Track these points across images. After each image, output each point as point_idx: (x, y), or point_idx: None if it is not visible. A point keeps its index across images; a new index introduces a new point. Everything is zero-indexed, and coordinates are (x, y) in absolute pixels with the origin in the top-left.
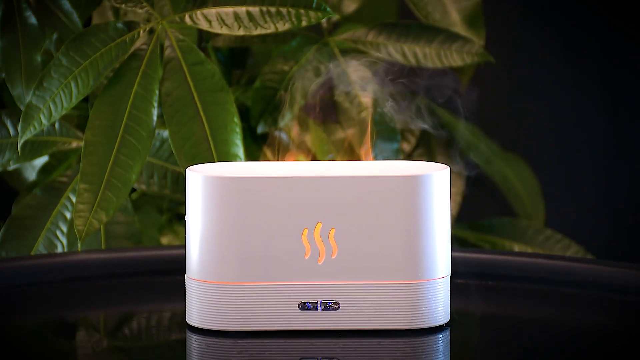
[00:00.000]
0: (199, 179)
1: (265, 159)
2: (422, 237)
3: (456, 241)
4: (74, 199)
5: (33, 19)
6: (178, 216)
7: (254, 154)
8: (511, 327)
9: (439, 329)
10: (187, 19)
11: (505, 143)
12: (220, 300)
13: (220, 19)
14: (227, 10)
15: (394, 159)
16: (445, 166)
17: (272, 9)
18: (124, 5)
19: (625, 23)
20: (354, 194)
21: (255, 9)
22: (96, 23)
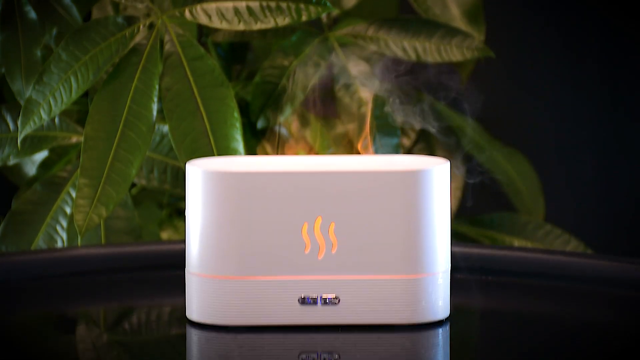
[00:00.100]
0: (199, 174)
1: (265, 153)
2: (422, 232)
3: (456, 236)
4: (74, 194)
5: (33, 14)
6: (178, 211)
7: (253, 149)
8: (511, 322)
9: (438, 324)
10: (187, 14)
11: (505, 138)
12: (220, 295)
13: (220, 13)
14: (227, 4)
15: (394, 154)
16: (445, 160)
17: (272, 4)
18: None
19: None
20: (354, 188)
21: (255, 4)
22: (96, 18)
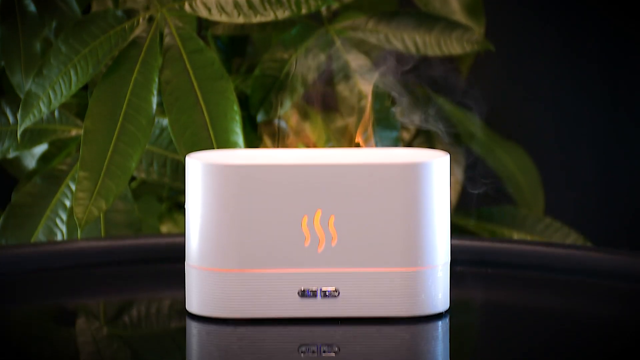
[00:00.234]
0: (198, 167)
1: (265, 146)
2: (422, 225)
3: (455, 229)
4: (73, 187)
5: (32, 7)
6: (177, 204)
7: (253, 142)
8: (510, 315)
9: (438, 317)
10: (187, 7)
11: (505, 132)
12: (220, 288)
13: (219, 6)
14: None
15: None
16: (445, 153)
17: None
18: None
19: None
20: (353, 181)
21: None
22: (95, 11)
